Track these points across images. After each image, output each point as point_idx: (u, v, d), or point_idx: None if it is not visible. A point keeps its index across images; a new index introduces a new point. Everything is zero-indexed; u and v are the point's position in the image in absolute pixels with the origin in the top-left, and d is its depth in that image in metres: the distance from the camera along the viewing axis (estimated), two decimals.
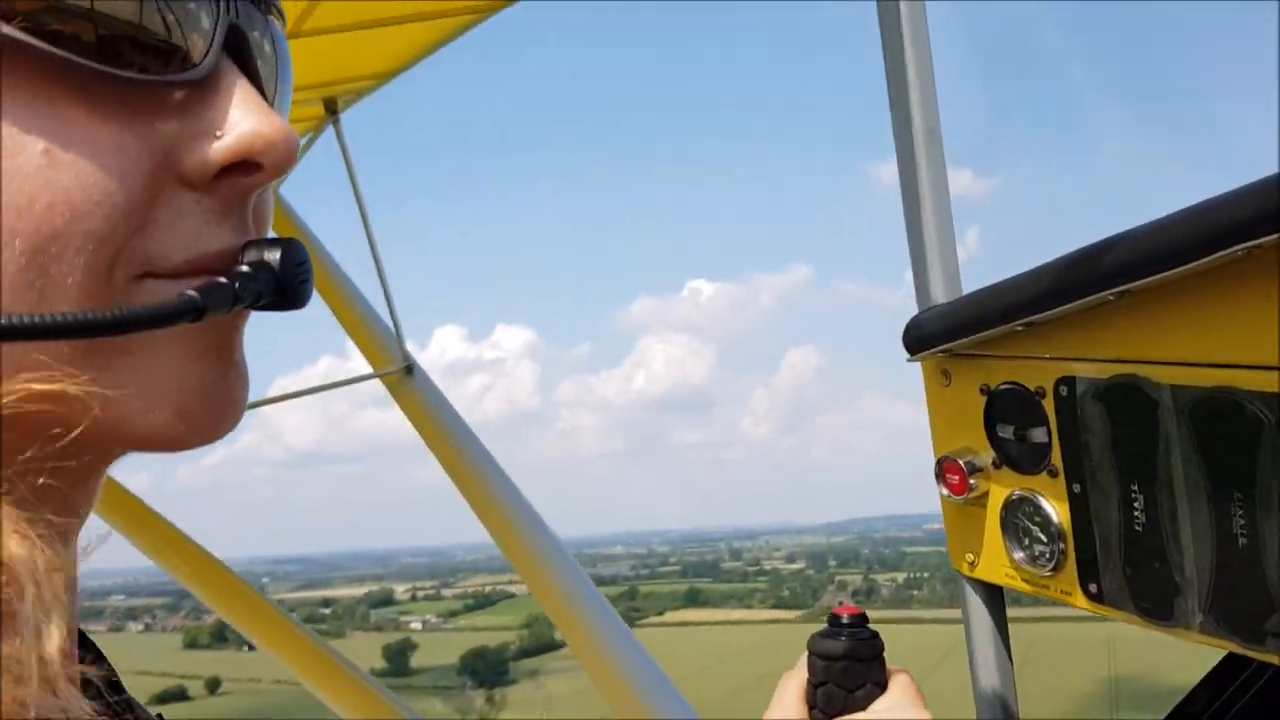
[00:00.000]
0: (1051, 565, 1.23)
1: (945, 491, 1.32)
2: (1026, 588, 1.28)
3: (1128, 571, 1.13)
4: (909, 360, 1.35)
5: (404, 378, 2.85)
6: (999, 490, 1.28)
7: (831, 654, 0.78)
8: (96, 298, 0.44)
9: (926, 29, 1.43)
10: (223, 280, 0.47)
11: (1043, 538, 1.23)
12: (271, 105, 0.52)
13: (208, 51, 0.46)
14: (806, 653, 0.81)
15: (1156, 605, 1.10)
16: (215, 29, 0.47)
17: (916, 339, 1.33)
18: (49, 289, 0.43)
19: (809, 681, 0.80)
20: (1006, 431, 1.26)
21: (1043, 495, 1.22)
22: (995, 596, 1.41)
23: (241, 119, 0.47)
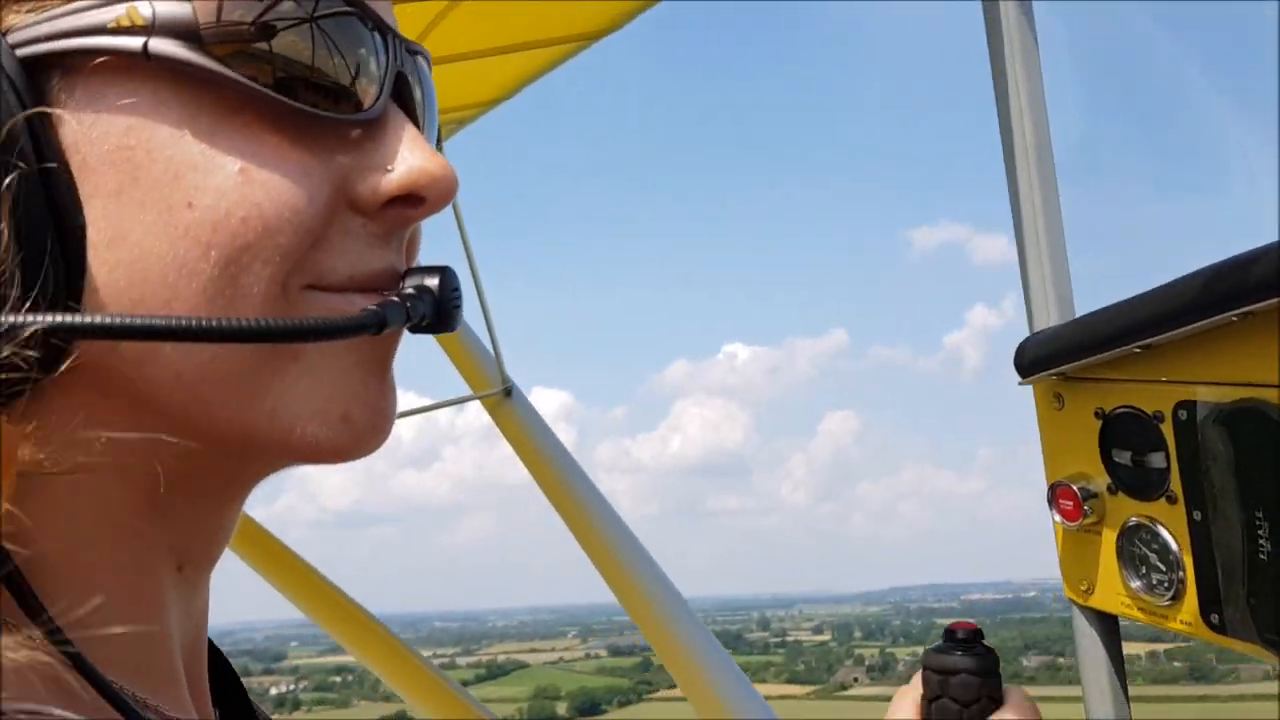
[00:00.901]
0: (1170, 594, 1.20)
1: (1058, 518, 1.30)
2: (1144, 617, 1.25)
3: (1252, 602, 1.10)
4: (1020, 384, 1.33)
5: (503, 400, 2.90)
6: (1115, 517, 1.25)
7: (947, 668, 0.78)
8: (275, 307, 0.48)
9: (1035, 37, 1.42)
10: (396, 299, 0.50)
11: (1161, 566, 1.20)
12: (429, 139, 0.56)
13: (379, 95, 0.51)
14: (921, 668, 0.81)
15: None
16: (385, 75, 0.52)
17: (1029, 361, 1.31)
18: (237, 298, 0.46)
19: (923, 696, 0.80)
20: (1123, 457, 1.23)
21: (1161, 522, 1.19)
22: (1110, 626, 1.38)
23: (409, 156, 0.51)
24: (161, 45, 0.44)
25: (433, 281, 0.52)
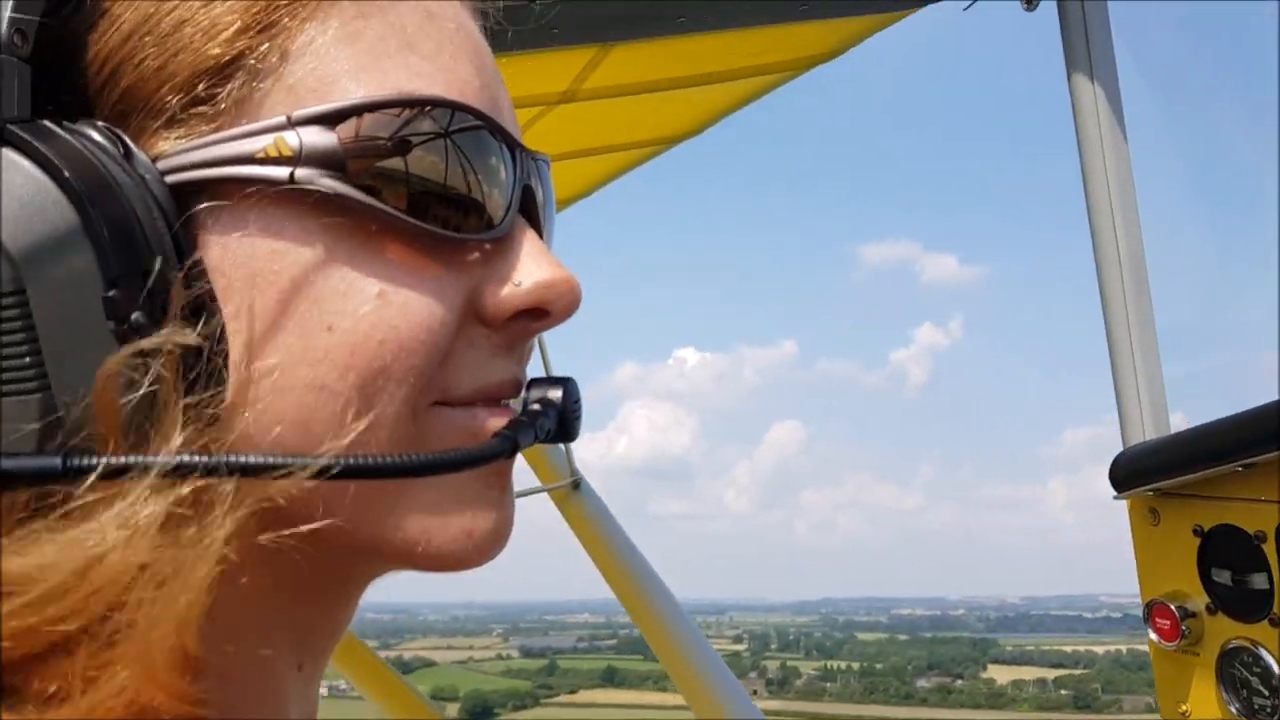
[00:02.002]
0: (1273, 719, 1.17)
1: (1155, 637, 1.28)
2: None
3: None
4: (1115, 498, 1.32)
5: (571, 492, 2.90)
6: (1214, 638, 1.23)
7: None
8: (406, 427, 0.48)
9: (1127, 146, 1.43)
10: (524, 418, 0.51)
11: (1263, 690, 1.18)
12: (548, 243, 0.57)
13: (507, 210, 0.51)
14: None
15: None
16: (513, 190, 0.52)
17: (1125, 476, 1.30)
18: (373, 421, 0.47)
19: None
20: (1223, 576, 1.21)
21: (1264, 645, 1.17)
22: None
23: (536, 270, 0.51)
24: (307, 175, 0.45)
25: (556, 394, 0.53)
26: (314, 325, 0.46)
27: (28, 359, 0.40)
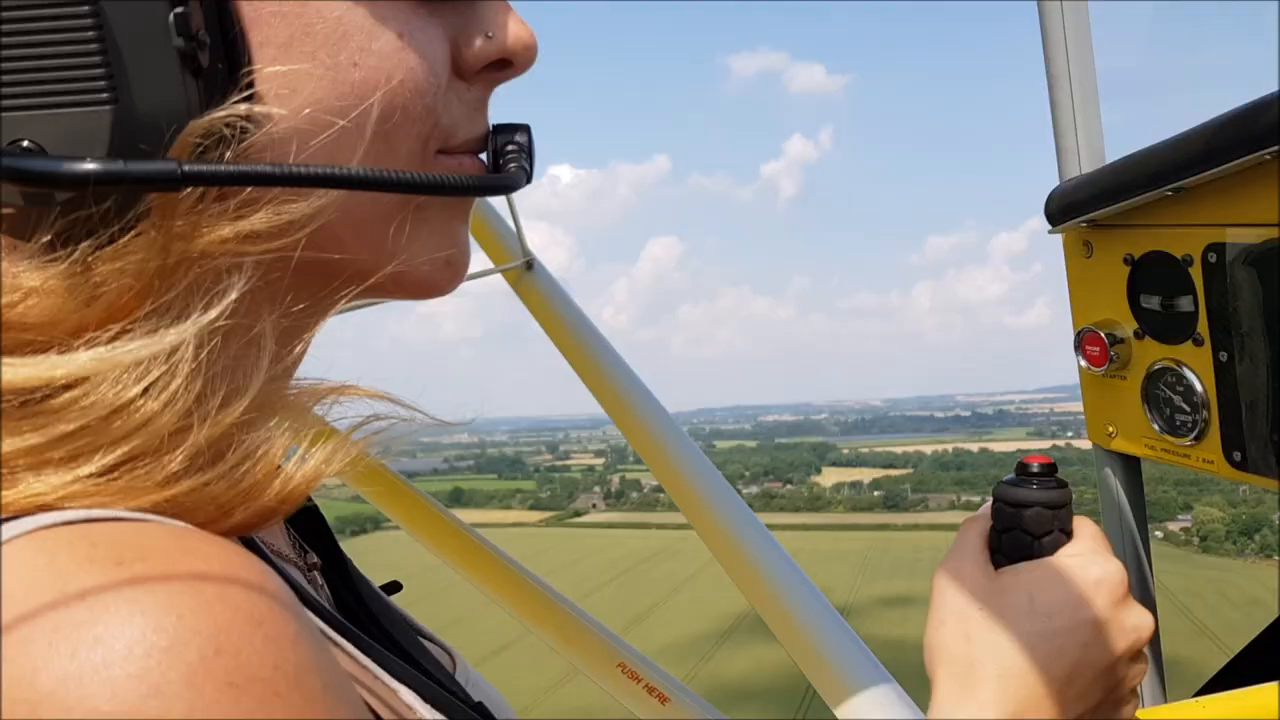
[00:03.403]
0: (1194, 435, 1.22)
1: (1084, 364, 1.32)
2: (1167, 458, 1.28)
3: (1275, 438, 1.12)
4: (1050, 232, 1.34)
5: (524, 273, 2.89)
6: (1141, 361, 1.27)
7: (1020, 501, 0.77)
8: (418, 166, 0.53)
9: None
10: (512, 160, 0.56)
11: (1185, 407, 1.23)
12: None
13: None
14: (992, 500, 0.81)
15: None
16: None
17: (1058, 210, 1.31)
18: (389, 154, 0.51)
19: (993, 528, 0.80)
20: (1151, 302, 1.24)
21: (1187, 365, 1.21)
22: (1133, 469, 1.41)
23: (506, 23, 0.55)
24: None
25: (524, 139, 0.57)
26: (342, 60, 0.49)
27: (100, 70, 0.41)
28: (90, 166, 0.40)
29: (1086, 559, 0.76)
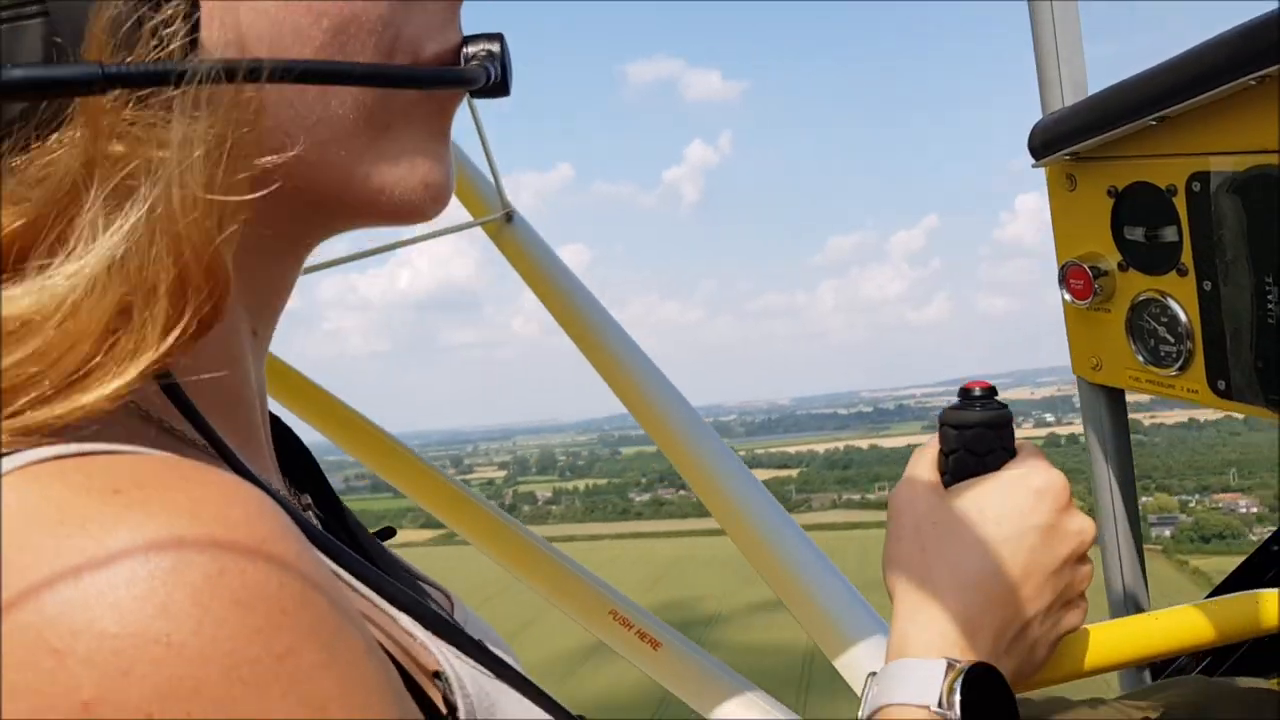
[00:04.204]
0: (1178, 365, 1.23)
1: (1068, 297, 1.33)
2: (1151, 389, 1.29)
3: (1259, 365, 1.13)
4: (1034, 166, 1.33)
5: (504, 225, 2.86)
6: (1125, 293, 1.28)
7: (963, 423, 0.81)
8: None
9: None
10: (481, 63, 0.54)
11: (1169, 338, 1.24)
12: None
13: None
14: (939, 425, 0.84)
15: None
16: None
17: (1041, 144, 1.31)
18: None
19: (941, 450, 0.83)
20: (1135, 233, 1.25)
21: (1171, 295, 1.22)
22: (1118, 400, 1.42)
23: None
24: None
25: (496, 47, 0.56)
26: None
27: None
28: (15, 74, 0.38)
29: (1029, 471, 0.79)
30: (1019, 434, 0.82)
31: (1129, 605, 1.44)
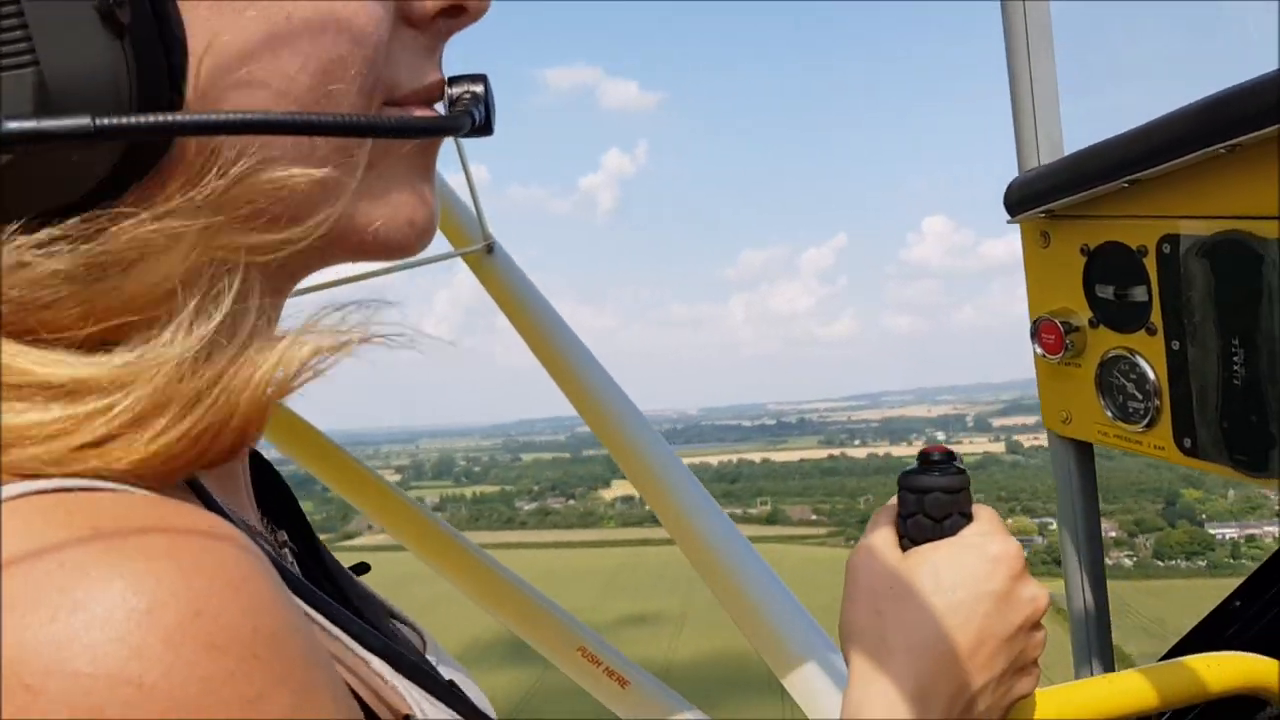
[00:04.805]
0: (1146, 421, 1.25)
1: (1040, 351, 1.35)
2: (1120, 444, 1.31)
3: (1225, 425, 1.15)
4: (1009, 222, 1.36)
5: (485, 256, 2.88)
6: (1095, 349, 1.30)
7: (920, 487, 0.83)
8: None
9: None
10: (464, 107, 0.55)
11: (1138, 395, 1.26)
12: None
13: None
14: (898, 488, 0.85)
15: (1253, 457, 1.13)
16: None
17: (1017, 200, 1.34)
18: (329, 108, 0.49)
19: (899, 514, 0.85)
20: (1106, 291, 1.27)
21: (1140, 353, 1.24)
22: (1086, 454, 1.44)
23: None
24: None
25: (479, 89, 0.56)
26: (273, 12, 0.47)
27: (18, 31, 0.41)
28: (8, 126, 0.39)
29: (985, 538, 0.80)
30: (911, 451, 0.82)
31: (1094, 663, 1.45)
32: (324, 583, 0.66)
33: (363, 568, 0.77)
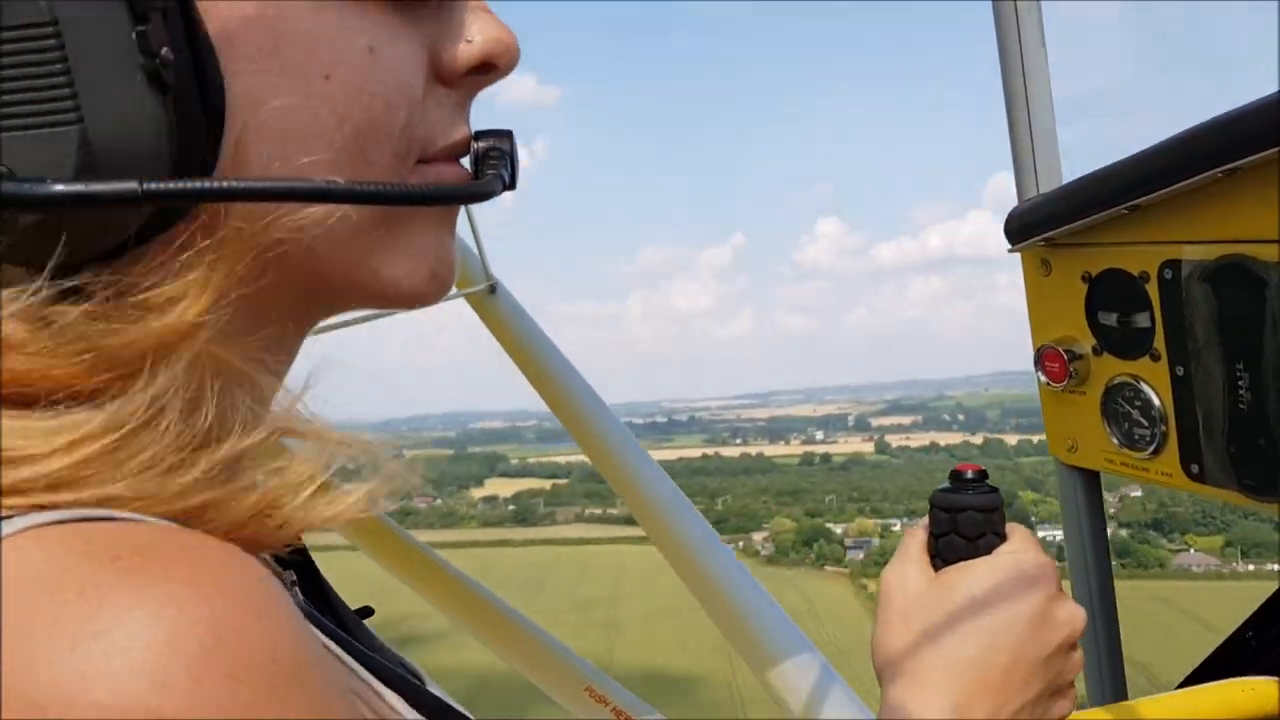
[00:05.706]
0: (1152, 448, 1.25)
1: (1044, 379, 1.35)
2: (1126, 471, 1.31)
3: (1231, 450, 1.15)
4: (1010, 251, 1.36)
5: (488, 296, 2.89)
6: (1099, 376, 1.30)
7: (954, 506, 0.82)
8: (396, 178, 0.52)
9: None
10: (493, 166, 0.55)
11: (1143, 421, 1.25)
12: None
13: None
14: (930, 507, 0.84)
15: (1261, 482, 1.12)
16: None
17: (1017, 229, 1.34)
18: (364, 169, 0.50)
19: (930, 533, 0.83)
20: (1109, 318, 1.27)
21: (1144, 379, 1.24)
22: (1093, 482, 1.43)
23: (486, 26, 0.55)
24: None
25: (505, 145, 0.57)
26: (312, 72, 0.48)
27: (64, 90, 0.41)
28: (56, 188, 0.39)
29: (1019, 557, 0.79)
30: (788, 450, 0.81)
31: (1106, 691, 1.44)
32: (330, 616, 0.66)
33: (366, 612, 0.77)
